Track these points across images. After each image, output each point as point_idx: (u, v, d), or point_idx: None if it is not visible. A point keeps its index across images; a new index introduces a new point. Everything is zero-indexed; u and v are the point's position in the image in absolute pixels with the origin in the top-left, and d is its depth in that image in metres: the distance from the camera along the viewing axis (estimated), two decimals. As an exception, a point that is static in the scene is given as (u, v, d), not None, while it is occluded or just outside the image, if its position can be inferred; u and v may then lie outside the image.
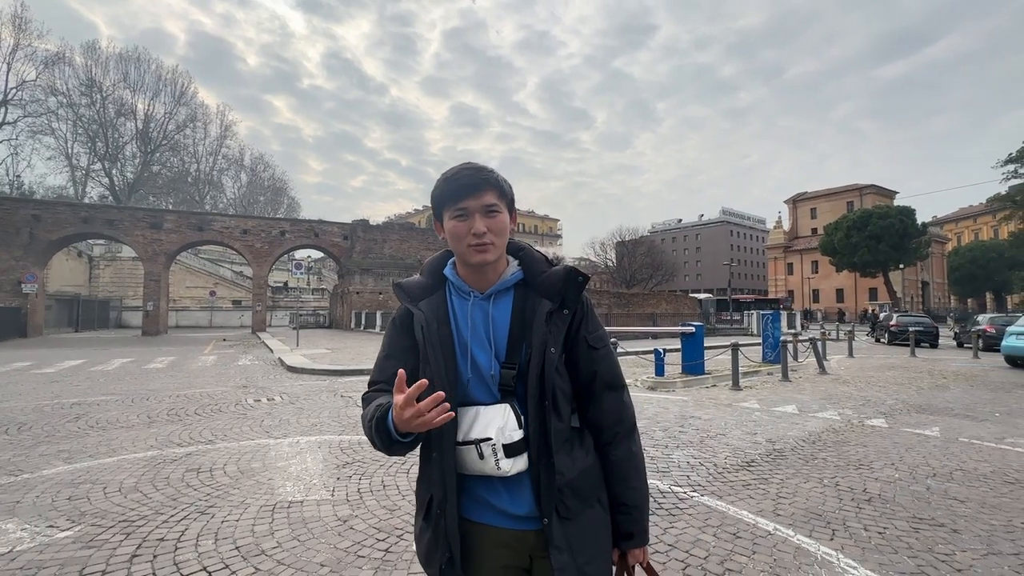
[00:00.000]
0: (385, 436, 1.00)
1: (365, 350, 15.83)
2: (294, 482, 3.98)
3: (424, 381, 0.90)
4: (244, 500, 3.59)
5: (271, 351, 15.98)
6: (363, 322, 29.02)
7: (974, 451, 4.95)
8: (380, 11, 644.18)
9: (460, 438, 1.07)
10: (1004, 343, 12.94)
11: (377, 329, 26.55)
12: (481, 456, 1.04)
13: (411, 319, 1.15)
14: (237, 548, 2.87)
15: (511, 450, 1.04)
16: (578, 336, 1.14)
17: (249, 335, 26.20)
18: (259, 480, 4.03)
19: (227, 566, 2.67)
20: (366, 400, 1.13)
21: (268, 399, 7.69)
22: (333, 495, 3.70)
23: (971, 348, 16.12)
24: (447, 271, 1.18)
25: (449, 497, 1.06)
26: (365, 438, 5.28)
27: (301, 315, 31.24)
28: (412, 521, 3.23)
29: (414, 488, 4.56)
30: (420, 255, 33.81)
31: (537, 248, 1.22)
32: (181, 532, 3.06)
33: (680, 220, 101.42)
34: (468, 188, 1.07)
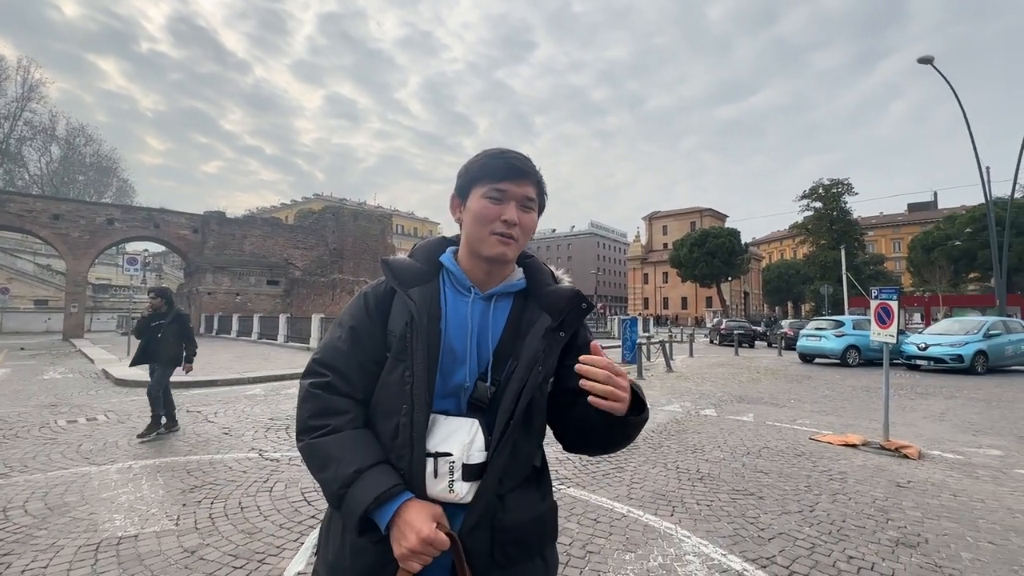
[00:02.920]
0: (355, 520, 0.84)
1: (218, 357, 14.08)
2: (125, 514, 3.42)
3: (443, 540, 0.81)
4: (55, 542, 2.99)
5: (91, 361, 13.41)
6: (216, 326, 25.71)
7: (776, 432, 6.09)
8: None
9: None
10: (798, 343, 16.14)
11: (233, 334, 23.71)
12: (435, 473, 0.89)
13: (390, 303, 1.00)
14: (46, 600, 2.40)
15: (470, 473, 0.90)
16: (571, 365, 1.01)
17: (59, 343, 21.58)
18: (76, 516, 3.39)
19: (32, 623, 2.22)
20: (315, 397, 0.95)
21: (88, 419, 6.46)
22: (178, 524, 3.27)
23: (777, 347, 19.76)
24: (445, 259, 1.04)
25: None
26: (218, 457, 4.73)
27: (134, 318, 26.58)
28: (275, 543, 2.99)
29: (278, 507, 4.14)
30: (287, 254, 31.10)
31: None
32: (-40, 591, 2.46)
33: (554, 230, 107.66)
34: (514, 171, 0.97)
